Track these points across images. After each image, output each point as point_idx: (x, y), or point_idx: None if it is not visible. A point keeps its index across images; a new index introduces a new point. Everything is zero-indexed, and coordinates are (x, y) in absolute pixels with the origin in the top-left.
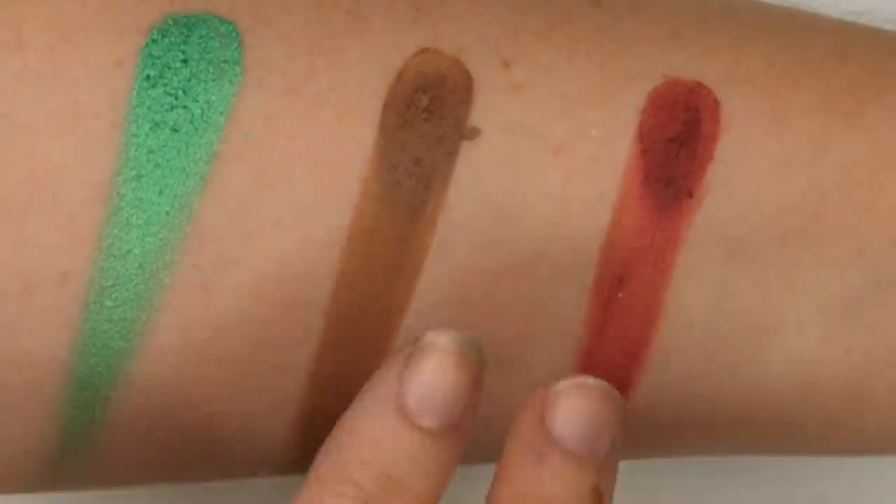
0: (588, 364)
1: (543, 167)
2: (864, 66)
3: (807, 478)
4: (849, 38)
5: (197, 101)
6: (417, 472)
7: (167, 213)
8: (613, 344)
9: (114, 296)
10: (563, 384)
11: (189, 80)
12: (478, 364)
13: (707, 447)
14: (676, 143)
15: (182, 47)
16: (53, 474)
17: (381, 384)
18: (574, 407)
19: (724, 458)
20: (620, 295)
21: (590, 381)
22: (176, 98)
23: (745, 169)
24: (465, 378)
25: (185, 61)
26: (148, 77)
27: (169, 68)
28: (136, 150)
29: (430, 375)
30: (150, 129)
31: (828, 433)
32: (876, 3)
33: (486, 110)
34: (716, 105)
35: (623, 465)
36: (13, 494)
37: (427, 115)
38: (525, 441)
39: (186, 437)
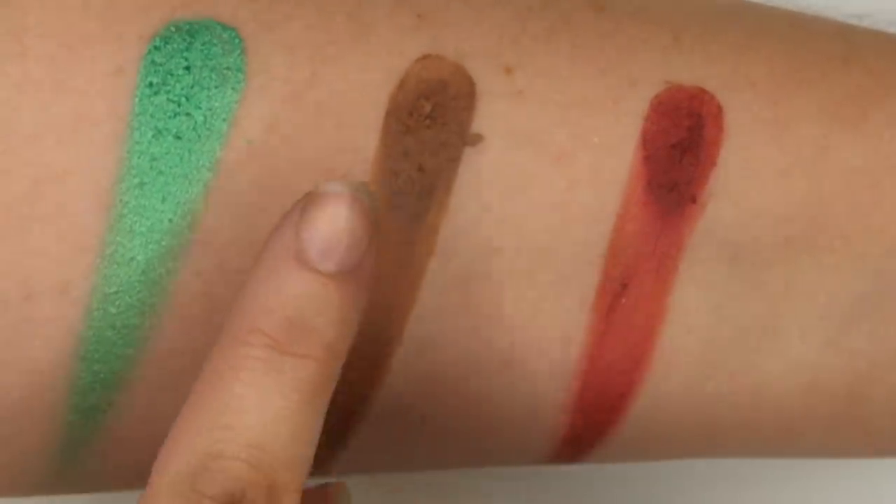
0: (590, 369)
1: (546, 174)
2: (867, 72)
3: (807, 477)
4: (852, 42)
5: (200, 109)
6: (321, 316)
7: (170, 220)
8: (616, 349)
9: (117, 303)
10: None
11: (192, 87)
12: (371, 206)
13: (708, 450)
14: (679, 149)
15: (185, 54)
16: (56, 478)
17: (279, 238)
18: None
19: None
20: (623, 300)
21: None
22: (179, 105)
23: (748, 175)
24: (361, 220)
25: (187, 68)
26: (150, 84)
27: (172, 75)
28: (138, 157)
29: (325, 221)
30: (153, 136)
31: (829, 436)
32: (879, 5)
33: (488, 117)
34: (718, 111)
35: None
36: (16, 497)
37: (430, 122)
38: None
39: None
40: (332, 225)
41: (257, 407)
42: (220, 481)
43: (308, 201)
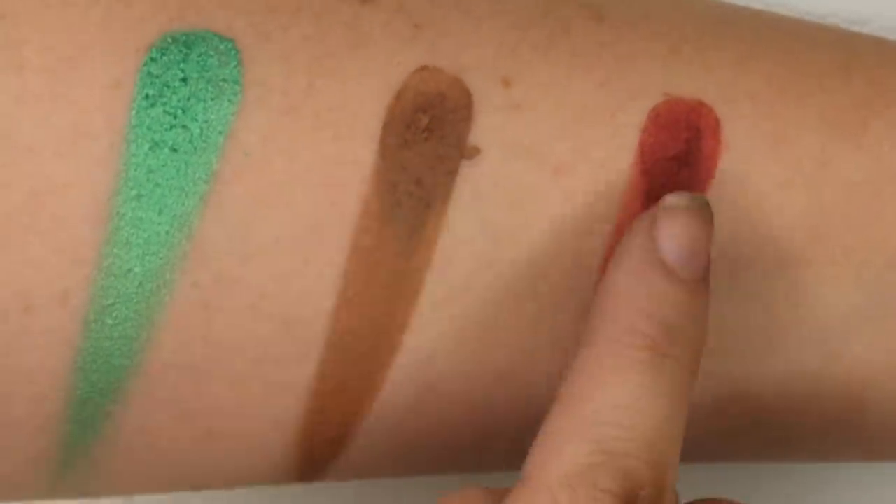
0: None
1: (544, 187)
2: (868, 82)
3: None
4: (852, 51)
5: (196, 121)
6: (689, 319)
7: (167, 232)
8: None
9: (114, 314)
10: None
11: (188, 99)
12: (712, 217)
13: (707, 457)
14: (677, 162)
15: (181, 66)
16: (54, 486)
17: (635, 248)
18: (681, 230)
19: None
20: None
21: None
22: (175, 117)
23: (746, 188)
24: (708, 231)
25: (184, 80)
26: (147, 96)
27: (168, 87)
28: (135, 169)
29: (682, 231)
30: (150, 148)
31: (828, 445)
32: (881, 11)
33: (486, 130)
34: (717, 124)
35: None
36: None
37: (427, 135)
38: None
39: (186, 451)
40: (691, 237)
41: (650, 407)
42: (621, 478)
43: (661, 214)
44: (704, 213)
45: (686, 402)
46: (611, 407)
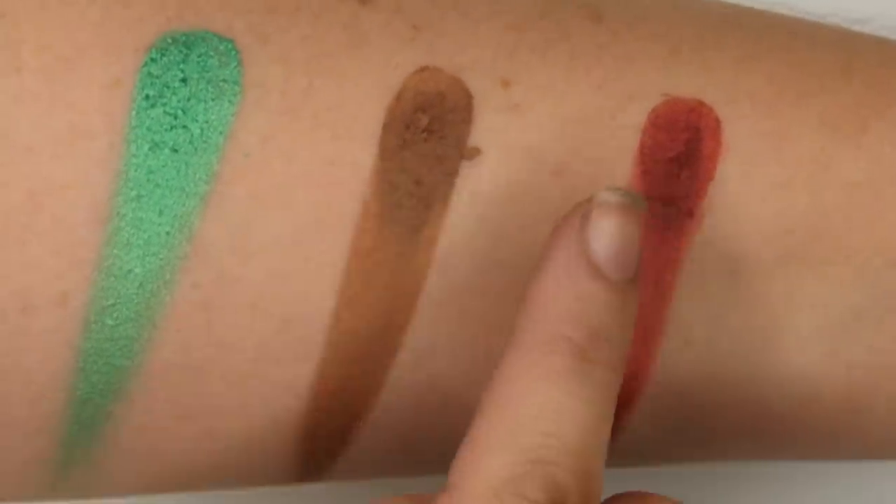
0: None
1: (543, 187)
2: (868, 83)
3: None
4: (852, 51)
5: (196, 121)
6: (616, 322)
7: (167, 232)
8: None
9: (114, 315)
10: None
11: (188, 99)
12: (643, 215)
13: (707, 456)
14: (677, 163)
15: (181, 66)
16: (55, 486)
17: (565, 245)
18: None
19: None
20: None
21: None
22: (175, 118)
23: (746, 189)
24: (638, 230)
25: (184, 80)
26: (147, 97)
27: (168, 88)
28: (135, 170)
29: (616, 232)
30: (150, 149)
31: (828, 444)
32: (881, 10)
33: (485, 130)
34: (717, 124)
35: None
36: None
37: (427, 136)
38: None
39: (187, 451)
40: (623, 236)
41: (576, 414)
42: (546, 487)
43: (594, 211)
44: (637, 210)
45: (612, 407)
46: (536, 415)
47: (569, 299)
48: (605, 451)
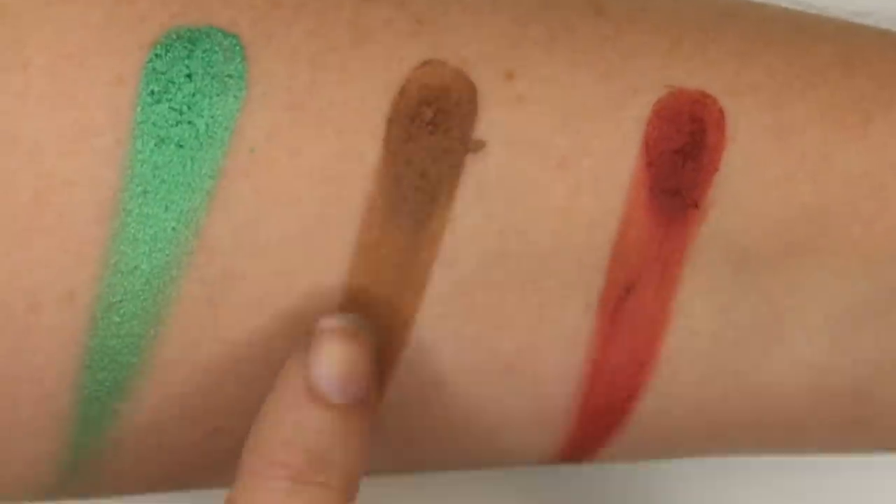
0: (596, 373)
1: (548, 180)
2: (870, 75)
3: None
4: (855, 44)
5: (202, 117)
6: (337, 446)
7: (173, 228)
8: (621, 353)
9: (121, 312)
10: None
11: (193, 95)
12: (370, 339)
13: (713, 450)
14: (682, 154)
15: (186, 62)
16: (62, 485)
17: (290, 374)
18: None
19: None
20: (627, 305)
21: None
22: (181, 113)
23: (750, 180)
24: (365, 353)
25: (189, 76)
26: (152, 93)
27: (173, 83)
28: (141, 166)
29: (334, 357)
30: (155, 145)
31: (835, 436)
32: (883, 3)
33: (489, 123)
34: (721, 116)
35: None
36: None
37: (432, 129)
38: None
39: (194, 449)
40: (341, 360)
41: None
42: None
43: (314, 339)
44: (360, 334)
45: None
46: None
47: (287, 426)
48: None
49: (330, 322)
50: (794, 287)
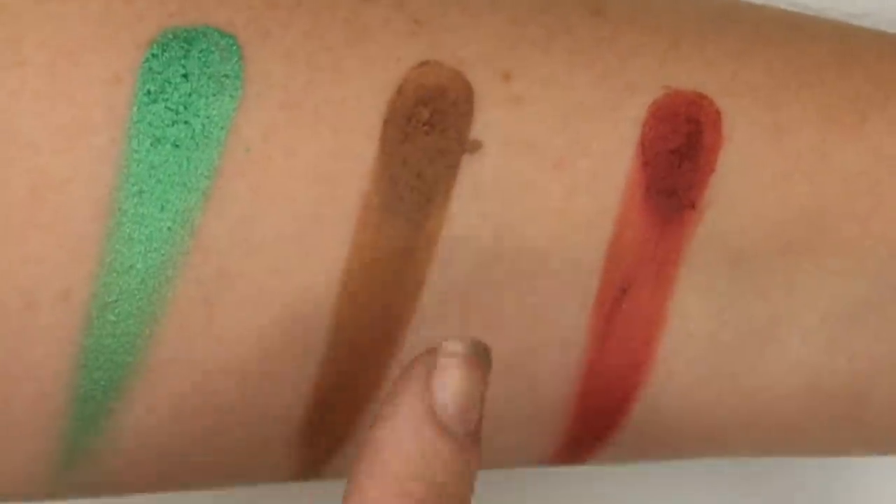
0: (592, 373)
1: (544, 181)
2: (866, 75)
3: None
4: (851, 44)
5: (198, 117)
6: (459, 477)
7: (169, 228)
8: (617, 354)
9: (116, 311)
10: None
11: (190, 94)
12: (489, 367)
13: (710, 451)
14: (678, 155)
15: (182, 62)
16: (57, 485)
17: (409, 398)
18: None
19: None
20: (623, 306)
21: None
22: (177, 113)
23: (747, 180)
24: (483, 382)
25: (185, 76)
26: (148, 92)
27: (169, 83)
28: (137, 165)
29: (456, 384)
30: (151, 144)
31: (831, 437)
32: (880, 4)
33: (486, 124)
34: (717, 116)
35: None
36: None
37: (428, 129)
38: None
39: (189, 448)
40: (465, 391)
41: None
42: None
43: (439, 363)
44: (483, 363)
45: None
46: None
47: (415, 455)
48: None
49: (455, 346)
50: (791, 287)
